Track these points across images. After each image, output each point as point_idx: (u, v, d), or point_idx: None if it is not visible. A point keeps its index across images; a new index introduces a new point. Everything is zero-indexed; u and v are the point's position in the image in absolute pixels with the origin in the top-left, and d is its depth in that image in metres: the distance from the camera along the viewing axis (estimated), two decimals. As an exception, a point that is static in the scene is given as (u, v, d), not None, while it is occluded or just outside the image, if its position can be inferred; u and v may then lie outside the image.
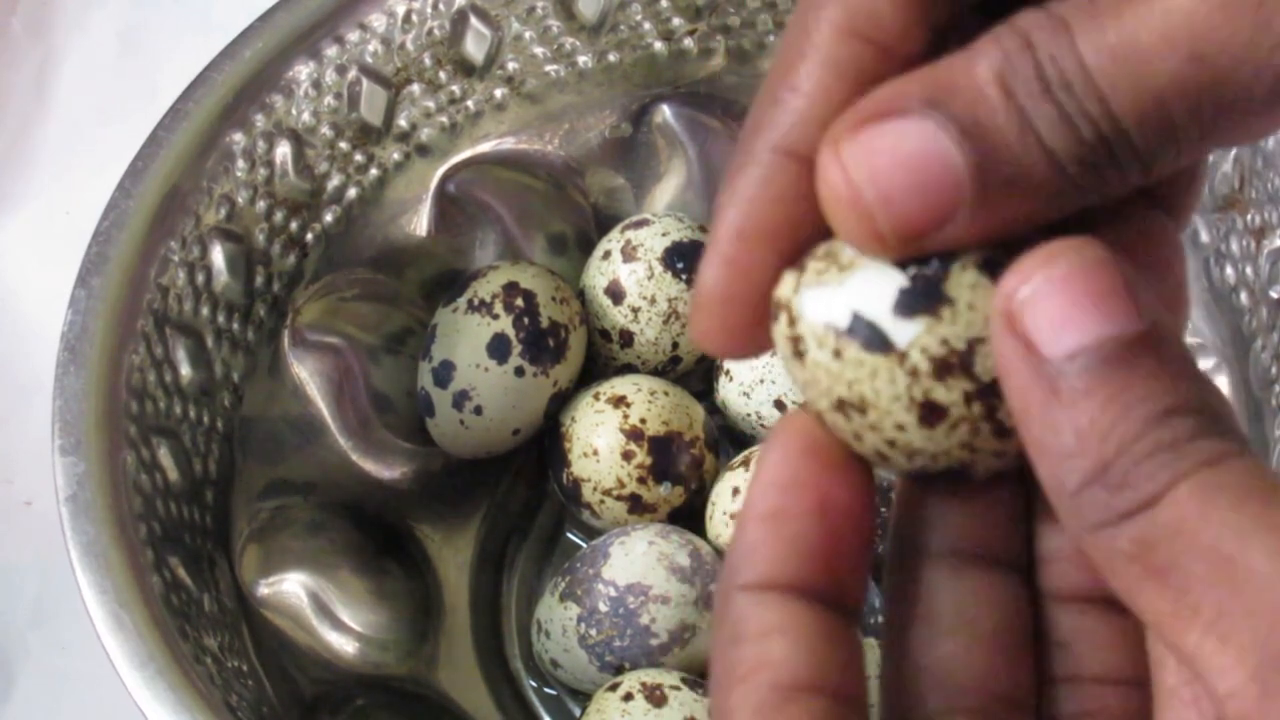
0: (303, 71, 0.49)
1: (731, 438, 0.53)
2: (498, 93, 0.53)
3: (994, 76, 0.21)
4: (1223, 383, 0.48)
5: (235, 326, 0.48)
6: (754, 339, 0.24)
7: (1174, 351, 0.21)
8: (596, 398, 0.50)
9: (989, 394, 0.23)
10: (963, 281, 0.22)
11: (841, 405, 0.23)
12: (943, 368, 0.23)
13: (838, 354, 0.23)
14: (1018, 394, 0.21)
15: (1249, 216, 0.46)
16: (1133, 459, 0.20)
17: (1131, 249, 0.23)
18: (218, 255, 0.47)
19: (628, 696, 0.45)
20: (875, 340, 0.23)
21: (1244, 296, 0.46)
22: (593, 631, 0.47)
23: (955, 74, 0.22)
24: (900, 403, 0.23)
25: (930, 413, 0.23)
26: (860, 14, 0.22)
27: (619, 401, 0.50)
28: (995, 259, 0.23)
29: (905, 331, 0.23)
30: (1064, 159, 0.22)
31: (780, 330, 0.24)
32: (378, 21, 0.50)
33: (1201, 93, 0.21)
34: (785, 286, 0.23)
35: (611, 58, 0.53)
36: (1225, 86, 0.21)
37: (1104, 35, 0.21)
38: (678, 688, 0.45)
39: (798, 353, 0.23)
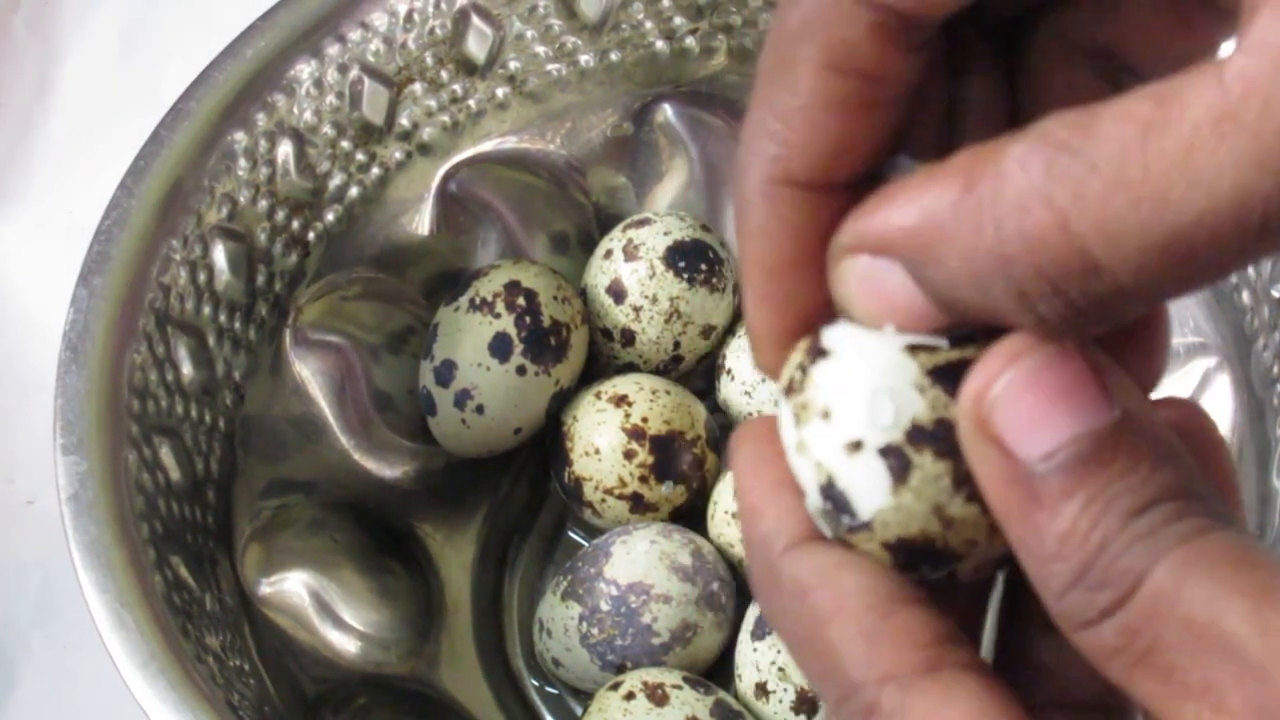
0: (304, 70, 0.49)
1: (733, 437, 0.53)
2: (499, 92, 0.53)
3: (966, 278, 0.21)
4: (1224, 382, 0.47)
5: (237, 325, 0.48)
6: None
7: (1151, 435, 0.21)
8: (598, 397, 0.50)
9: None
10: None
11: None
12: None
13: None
14: (997, 498, 0.21)
15: (1251, 216, 0.46)
16: (1110, 556, 0.20)
17: None
18: (219, 254, 0.47)
19: (629, 695, 0.45)
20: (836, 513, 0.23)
21: (1245, 295, 0.46)
22: (594, 630, 0.47)
23: (933, 248, 0.21)
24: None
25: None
26: (837, 49, 0.22)
27: (621, 400, 0.50)
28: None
29: (868, 507, 0.23)
30: (1042, 330, 0.21)
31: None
32: (379, 20, 0.50)
33: (1266, 249, 0.20)
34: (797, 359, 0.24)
35: (613, 57, 0.53)
36: None
37: (1138, 233, 0.19)
38: (679, 687, 0.45)
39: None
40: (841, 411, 0.22)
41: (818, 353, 0.23)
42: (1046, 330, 0.21)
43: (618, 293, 0.52)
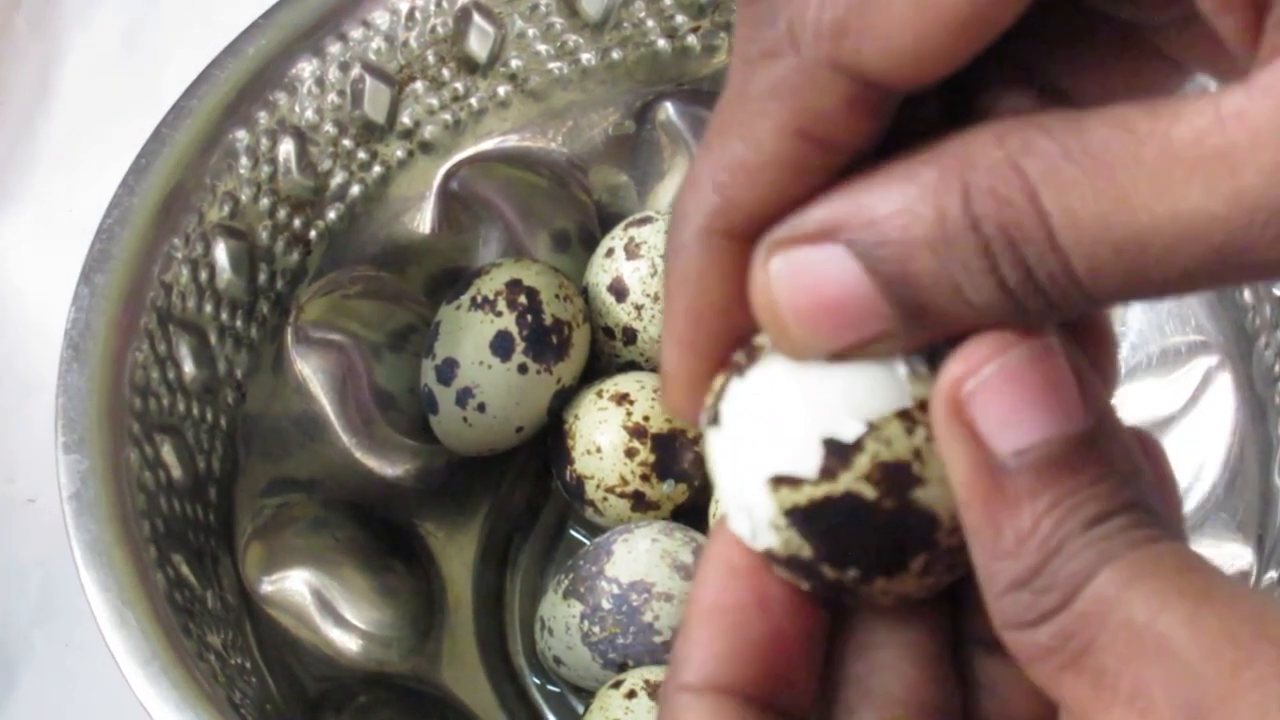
0: (306, 69, 0.49)
1: (734, 435, 0.53)
2: (501, 90, 0.53)
3: (927, 241, 0.20)
4: (1225, 381, 0.47)
5: (238, 324, 0.48)
6: None
7: (1119, 446, 0.21)
8: (600, 395, 0.50)
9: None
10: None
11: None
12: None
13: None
14: (962, 483, 0.21)
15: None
16: (1063, 561, 0.20)
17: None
18: (221, 252, 0.47)
19: (631, 694, 0.45)
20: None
21: (1247, 294, 0.46)
22: (596, 629, 0.47)
23: (889, 219, 0.21)
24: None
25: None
26: (807, 116, 0.21)
27: (622, 399, 0.50)
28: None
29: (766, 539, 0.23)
30: (999, 315, 0.21)
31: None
32: (381, 18, 0.50)
33: (1213, 280, 0.20)
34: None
35: (615, 55, 0.53)
36: (1241, 274, 0.20)
37: (1097, 224, 0.19)
38: (681, 685, 0.45)
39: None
40: (719, 494, 0.23)
41: (712, 418, 0.23)
42: (1007, 311, 0.20)
43: (619, 291, 0.52)
